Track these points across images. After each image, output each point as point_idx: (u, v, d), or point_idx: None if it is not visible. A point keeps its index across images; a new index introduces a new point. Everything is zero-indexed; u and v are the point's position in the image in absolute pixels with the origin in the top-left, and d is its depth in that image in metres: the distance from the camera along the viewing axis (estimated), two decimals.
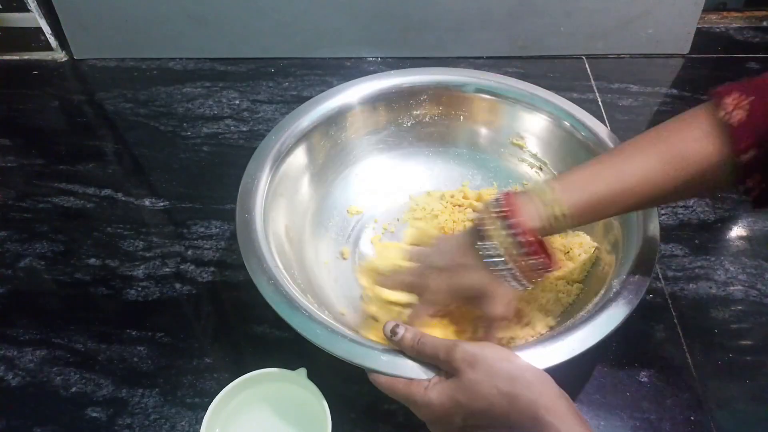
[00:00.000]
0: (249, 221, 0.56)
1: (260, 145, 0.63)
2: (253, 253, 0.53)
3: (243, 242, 0.54)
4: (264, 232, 0.56)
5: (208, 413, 0.49)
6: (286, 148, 0.63)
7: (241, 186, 0.59)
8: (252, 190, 0.59)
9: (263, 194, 0.59)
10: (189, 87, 0.91)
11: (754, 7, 1.02)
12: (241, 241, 0.54)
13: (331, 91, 0.69)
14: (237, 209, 0.57)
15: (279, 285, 0.51)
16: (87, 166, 0.80)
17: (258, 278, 0.51)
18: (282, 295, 0.50)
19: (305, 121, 0.66)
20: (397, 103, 0.70)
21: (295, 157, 0.65)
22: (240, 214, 0.56)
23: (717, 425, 0.54)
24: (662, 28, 0.91)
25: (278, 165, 0.62)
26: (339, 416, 0.50)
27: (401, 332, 0.46)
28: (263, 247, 0.54)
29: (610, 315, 0.48)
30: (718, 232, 0.70)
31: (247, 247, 0.54)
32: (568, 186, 0.46)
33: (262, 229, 0.56)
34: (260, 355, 0.60)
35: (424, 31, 0.92)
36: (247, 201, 0.58)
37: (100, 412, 0.56)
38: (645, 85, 0.89)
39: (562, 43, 0.93)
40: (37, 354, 0.61)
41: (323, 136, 0.68)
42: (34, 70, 0.95)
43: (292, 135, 0.64)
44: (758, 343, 0.60)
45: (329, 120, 0.67)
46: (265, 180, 0.60)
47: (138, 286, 0.66)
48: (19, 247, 0.70)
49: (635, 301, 0.49)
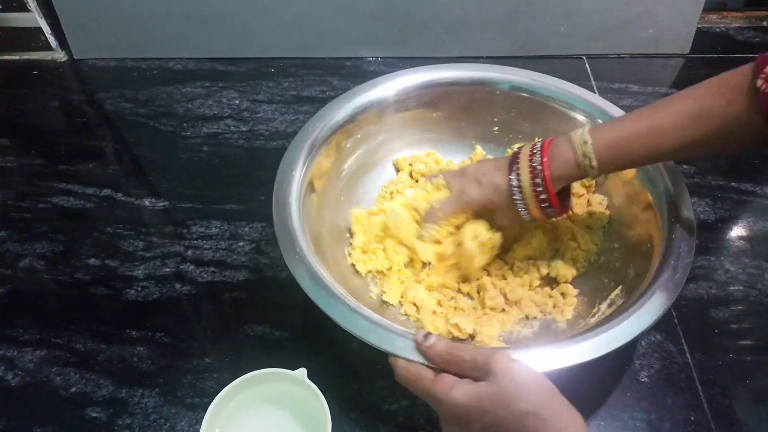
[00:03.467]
0: (285, 218, 0.56)
1: (297, 135, 0.63)
2: (292, 247, 0.53)
3: (281, 236, 0.54)
4: (300, 225, 0.56)
5: (208, 413, 0.49)
6: (321, 139, 0.63)
7: (277, 178, 0.59)
8: (287, 181, 0.59)
9: (299, 185, 0.59)
10: (189, 87, 0.91)
11: (754, 7, 1.02)
12: (279, 234, 0.54)
13: (364, 86, 0.68)
14: (273, 204, 0.57)
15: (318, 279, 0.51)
16: (87, 166, 0.80)
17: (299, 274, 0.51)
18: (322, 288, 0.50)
19: (341, 113, 0.65)
20: (430, 99, 0.70)
21: (329, 149, 0.65)
22: (276, 209, 0.56)
23: (717, 425, 0.54)
24: (662, 28, 0.91)
25: (312, 157, 0.62)
26: (339, 416, 0.51)
27: (433, 340, 0.45)
28: (301, 242, 0.54)
29: (638, 317, 0.48)
30: (718, 232, 0.70)
31: (286, 243, 0.54)
32: (602, 134, 0.51)
33: (299, 222, 0.56)
34: (260, 355, 0.60)
35: (423, 31, 0.92)
36: (281, 195, 0.58)
37: (100, 412, 0.56)
38: (645, 85, 0.89)
39: (562, 43, 0.93)
40: (36, 354, 0.61)
41: (353, 132, 0.68)
42: (34, 70, 0.95)
43: (327, 126, 0.64)
44: (758, 343, 0.60)
45: (360, 116, 0.67)
46: (299, 171, 0.60)
47: (138, 286, 0.66)
48: (19, 247, 0.70)
49: (666, 305, 0.49)
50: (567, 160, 0.52)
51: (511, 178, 0.55)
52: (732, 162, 0.78)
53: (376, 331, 0.47)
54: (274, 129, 0.84)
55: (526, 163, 0.54)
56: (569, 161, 0.52)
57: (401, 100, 0.69)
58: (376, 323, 0.48)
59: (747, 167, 0.77)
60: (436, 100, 0.70)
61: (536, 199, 0.54)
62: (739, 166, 0.77)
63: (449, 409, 0.42)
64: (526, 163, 0.54)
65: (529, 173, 0.54)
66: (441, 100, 0.71)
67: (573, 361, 0.45)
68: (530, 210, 0.55)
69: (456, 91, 0.70)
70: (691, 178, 0.75)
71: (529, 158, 0.54)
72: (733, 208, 0.72)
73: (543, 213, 0.55)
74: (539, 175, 0.53)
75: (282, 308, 0.64)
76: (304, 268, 0.51)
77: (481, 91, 0.70)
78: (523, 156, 0.55)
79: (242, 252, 0.69)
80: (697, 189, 0.74)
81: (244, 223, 0.72)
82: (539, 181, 0.53)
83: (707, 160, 0.78)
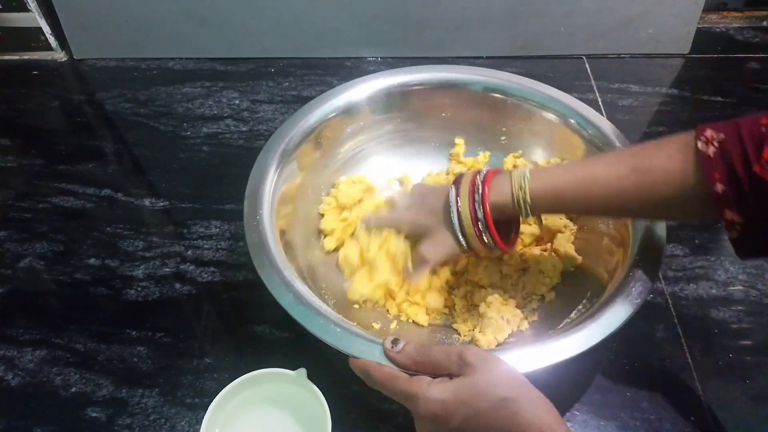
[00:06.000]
0: (258, 222, 0.56)
1: (267, 142, 0.64)
2: (264, 253, 0.54)
3: (252, 243, 0.55)
4: (272, 229, 0.56)
5: (208, 413, 0.49)
6: (293, 146, 0.64)
7: (249, 183, 0.60)
8: (260, 187, 0.59)
9: (270, 191, 0.59)
10: (189, 87, 0.91)
11: (754, 7, 1.02)
12: (249, 241, 0.55)
13: (335, 90, 0.69)
14: (245, 209, 0.57)
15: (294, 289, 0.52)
16: (87, 166, 0.80)
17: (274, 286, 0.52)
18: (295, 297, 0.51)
19: (312, 118, 0.66)
20: (401, 101, 0.70)
21: (302, 154, 0.65)
22: (248, 215, 0.57)
23: (717, 425, 0.54)
24: (662, 28, 0.91)
25: (285, 163, 0.62)
26: (339, 416, 0.50)
27: (401, 344, 0.45)
28: (272, 248, 0.54)
29: (612, 314, 0.48)
30: (718, 232, 0.70)
31: (256, 248, 0.54)
32: (541, 173, 0.51)
33: (270, 226, 0.56)
34: (260, 355, 0.60)
35: (424, 31, 0.92)
36: (254, 200, 0.58)
37: (100, 412, 0.56)
38: (645, 85, 0.89)
39: (562, 43, 0.93)
40: (37, 354, 0.61)
41: (325, 136, 0.68)
42: (34, 70, 0.95)
43: (300, 131, 0.65)
44: (758, 343, 0.60)
45: (333, 119, 0.67)
46: (271, 177, 0.60)
47: (138, 286, 0.66)
48: (19, 247, 0.70)
49: (638, 302, 0.49)
50: (505, 192, 0.52)
51: (450, 202, 0.53)
52: None
53: (348, 337, 0.48)
54: (274, 129, 0.83)
55: (467, 189, 0.53)
56: (507, 193, 0.52)
57: (372, 103, 0.69)
58: (349, 330, 0.48)
59: None
60: (409, 103, 0.71)
61: (474, 224, 0.52)
62: None
63: (426, 406, 0.42)
64: (467, 189, 0.53)
65: (468, 199, 0.52)
66: (417, 102, 0.71)
67: (557, 358, 0.46)
68: (468, 236, 0.53)
69: (428, 92, 0.70)
70: None
71: (471, 183, 0.53)
72: None
73: (481, 242, 0.53)
74: (479, 200, 0.52)
75: (282, 308, 0.64)
76: (277, 278, 0.52)
77: (452, 92, 0.70)
78: (464, 181, 0.54)
79: (242, 252, 0.69)
80: None
81: (244, 223, 0.71)
82: (478, 205, 0.52)
83: None
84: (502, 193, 0.52)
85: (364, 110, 0.69)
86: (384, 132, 0.72)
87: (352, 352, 0.47)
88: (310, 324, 0.49)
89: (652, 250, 0.53)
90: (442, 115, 0.72)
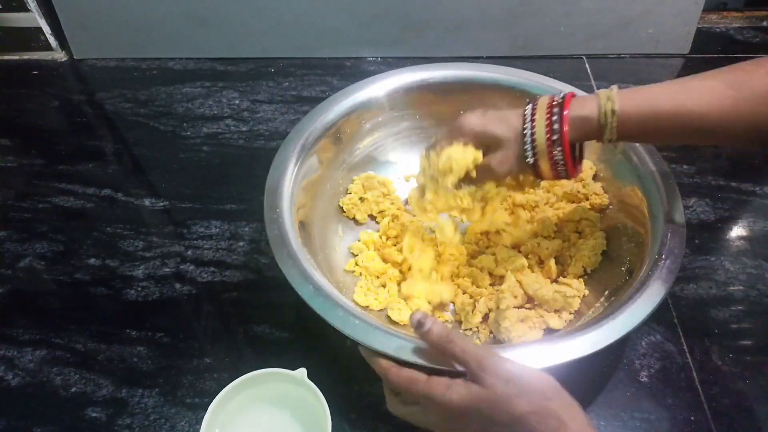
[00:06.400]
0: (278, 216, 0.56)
1: (287, 136, 0.64)
2: (284, 246, 0.54)
3: (272, 235, 0.54)
4: (292, 222, 0.56)
5: (208, 413, 0.49)
6: (312, 140, 0.64)
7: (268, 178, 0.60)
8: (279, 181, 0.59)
9: (290, 185, 0.59)
10: (189, 87, 0.91)
11: (754, 7, 1.02)
12: (270, 233, 0.55)
13: (355, 86, 0.69)
14: (266, 203, 0.57)
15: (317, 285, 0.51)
16: (87, 166, 0.80)
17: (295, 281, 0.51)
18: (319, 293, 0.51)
19: (331, 114, 0.66)
20: (420, 98, 0.70)
21: (321, 149, 0.65)
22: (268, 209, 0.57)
23: (717, 425, 0.54)
24: (662, 28, 0.91)
25: (304, 157, 0.62)
26: (339, 416, 0.51)
27: (428, 324, 0.44)
28: (292, 241, 0.54)
29: (630, 313, 0.49)
30: (718, 232, 0.70)
31: (276, 240, 0.54)
32: (631, 92, 0.48)
33: (290, 219, 0.56)
34: (260, 355, 0.60)
35: (424, 31, 0.92)
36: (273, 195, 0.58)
37: (100, 412, 0.56)
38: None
39: (562, 43, 0.93)
40: (37, 354, 0.61)
41: (344, 132, 0.68)
42: (34, 70, 0.95)
43: (320, 126, 0.65)
44: (758, 343, 0.60)
45: (352, 115, 0.68)
46: (291, 171, 0.60)
47: (138, 286, 0.66)
48: (19, 247, 0.70)
49: (657, 300, 0.49)
50: (589, 106, 0.49)
51: (525, 127, 0.50)
52: (732, 162, 0.78)
53: (374, 333, 0.48)
54: (274, 129, 0.84)
55: (543, 113, 0.50)
56: (591, 107, 0.49)
57: (392, 100, 0.69)
58: (373, 325, 0.48)
59: (747, 167, 0.77)
60: (428, 101, 0.70)
61: (549, 135, 0.49)
62: (739, 166, 0.77)
63: (445, 408, 0.42)
64: (543, 113, 0.50)
65: (545, 124, 0.49)
66: (436, 99, 0.70)
67: (568, 357, 0.46)
68: (539, 161, 0.50)
69: (447, 90, 0.70)
70: (691, 177, 0.75)
71: (548, 107, 0.50)
72: (733, 208, 0.72)
73: (550, 158, 0.50)
74: (557, 113, 0.49)
75: (282, 308, 0.64)
76: (296, 270, 0.52)
77: (472, 90, 0.70)
78: (540, 105, 0.51)
79: (242, 252, 0.69)
80: (697, 189, 0.74)
81: (244, 223, 0.72)
82: (557, 117, 0.49)
83: (707, 159, 0.78)
84: (585, 107, 0.49)
85: (384, 107, 0.69)
86: (402, 129, 0.72)
87: (372, 345, 0.47)
88: (330, 316, 0.49)
89: (671, 251, 0.53)
90: (460, 113, 0.71)
